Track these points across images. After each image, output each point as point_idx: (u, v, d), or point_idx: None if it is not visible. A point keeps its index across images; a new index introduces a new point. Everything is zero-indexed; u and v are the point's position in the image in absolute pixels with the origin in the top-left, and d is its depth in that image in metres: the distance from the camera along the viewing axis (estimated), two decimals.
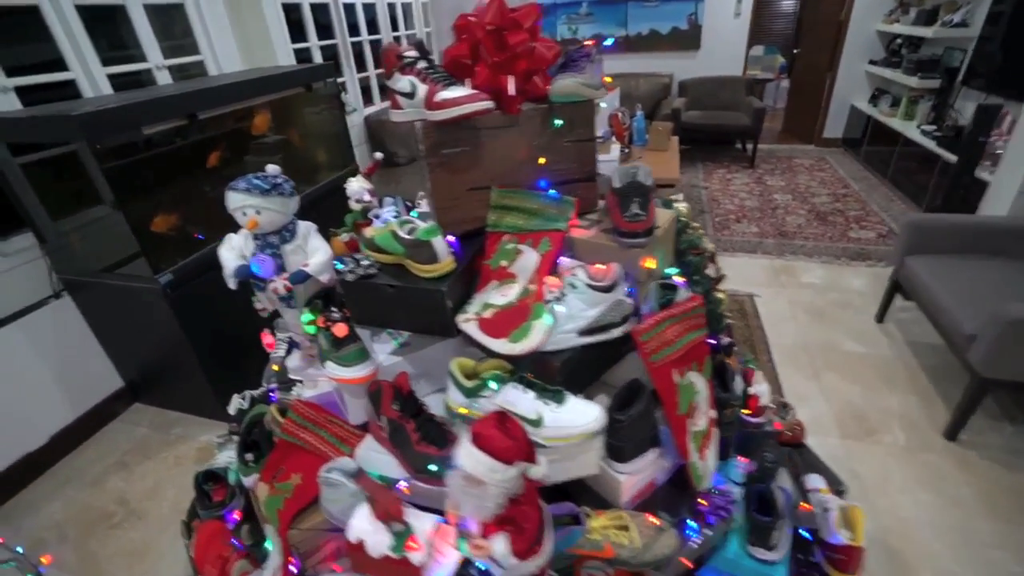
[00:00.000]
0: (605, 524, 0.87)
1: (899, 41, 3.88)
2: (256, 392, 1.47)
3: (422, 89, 0.90)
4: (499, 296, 0.96)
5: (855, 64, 4.29)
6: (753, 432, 1.11)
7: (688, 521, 0.91)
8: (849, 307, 2.44)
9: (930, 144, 3.13)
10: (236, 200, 0.99)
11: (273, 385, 1.45)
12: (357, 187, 1.30)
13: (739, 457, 1.07)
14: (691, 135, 4.29)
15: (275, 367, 1.52)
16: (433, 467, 0.87)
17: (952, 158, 2.85)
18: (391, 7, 3.97)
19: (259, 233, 1.04)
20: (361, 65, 3.73)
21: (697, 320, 0.97)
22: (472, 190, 1.03)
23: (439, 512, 0.92)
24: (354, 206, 1.33)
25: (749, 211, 3.59)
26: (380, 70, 3.96)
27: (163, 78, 2.33)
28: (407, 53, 0.93)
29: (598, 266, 0.92)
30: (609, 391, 0.99)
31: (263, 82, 2.07)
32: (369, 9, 3.76)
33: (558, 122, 0.97)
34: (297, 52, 2.98)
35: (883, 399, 1.87)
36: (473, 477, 0.62)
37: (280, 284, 1.05)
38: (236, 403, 1.40)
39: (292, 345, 1.27)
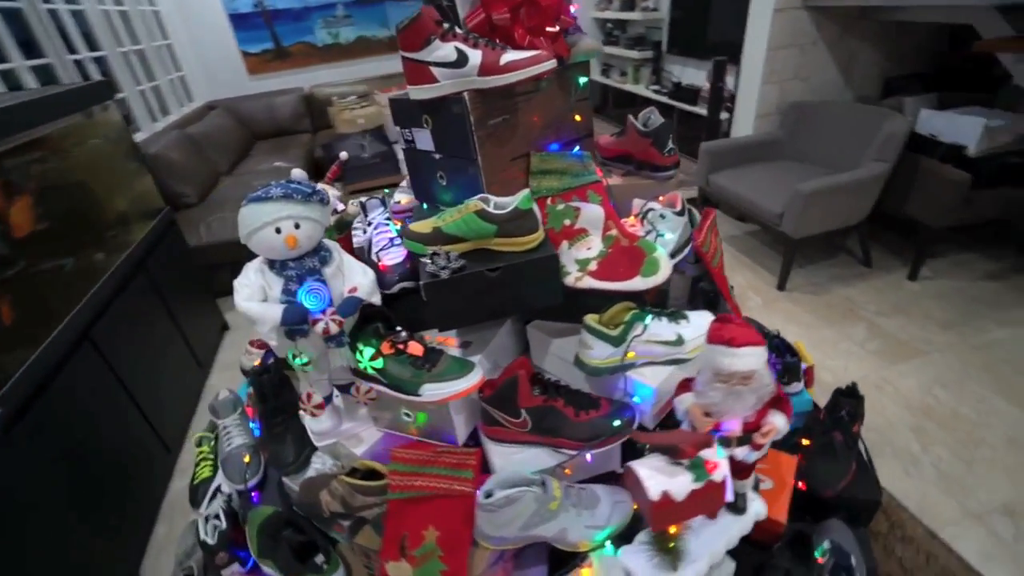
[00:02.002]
0: None
1: (610, 25, 4.89)
2: (224, 504, 1.17)
3: (475, 55, 0.85)
4: (585, 251, 0.99)
5: None
6: None
7: None
8: None
9: (662, 99, 4.10)
10: (267, 212, 0.75)
11: (253, 482, 1.17)
12: (330, 197, 1.11)
13: None
14: None
15: (246, 458, 1.22)
16: (616, 423, 0.88)
17: (681, 106, 3.83)
18: (113, 14, 3.13)
19: (293, 256, 0.81)
20: None
21: (716, 226, 1.18)
22: (514, 160, 1.01)
23: (593, 481, 0.93)
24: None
25: None
26: (136, 88, 3.11)
27: None
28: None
29: (662, 197, 1.03)
30: None
31: (29, 108, 1.47)
32: (80, 18, 2.90)
33: (583, 80, 1.03)
34: None
35: (734, 280, 2.48)
36: (744, 374, 0.68)
37: (330, 322, 0.82)
38: (211, 527, 1.10)
39: (326, 398, 1.02)
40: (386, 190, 1.48)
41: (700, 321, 0.95)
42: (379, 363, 0.89)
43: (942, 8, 2.15)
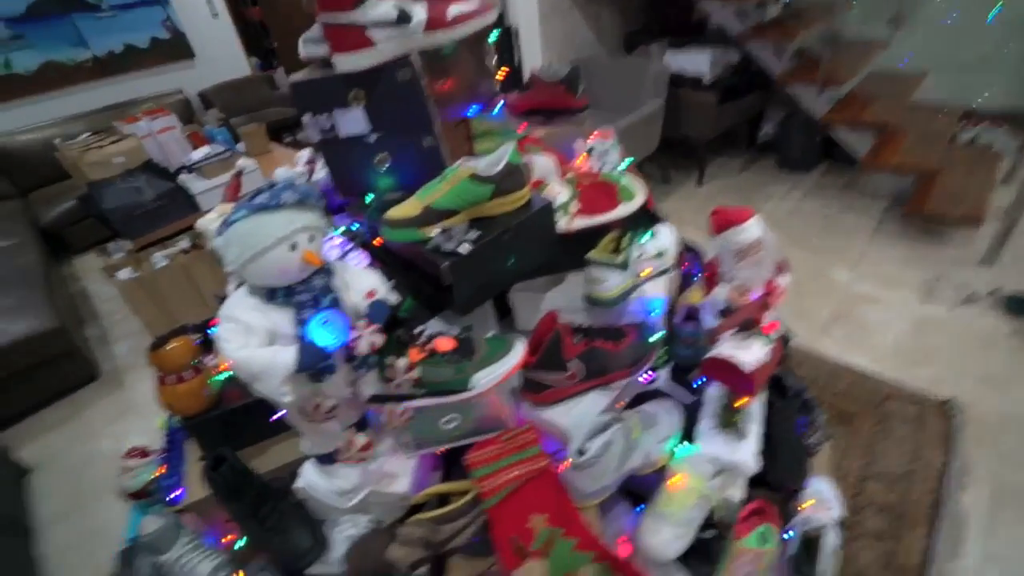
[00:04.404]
0: None
1: None
2: None
3: (419, 9, 0.76)
4: (555, 197, 1.00)
5: None
6: None
7: None
8: None
9: None
10: (280, 225, 0.57)
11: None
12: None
13: None
14: None
15: None
16: (652, 338, 0.93)
17: None
18: None
19: (303, 277, 0.62)
20: None
21: None
22: (457, 126, 0.95)
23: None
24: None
25: None
26: None
27: None
28: None
29: (597, 132, 1.09)
30: None
31: None
32: None
33: (494, 34, 1.00)
34: None
35: None
36: (756, 242, 0.80)
37: (372, 337, 0.67)
38: None
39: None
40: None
41: (665, 231, 1.06)
42: (415, 373, 0.77)
43: None
